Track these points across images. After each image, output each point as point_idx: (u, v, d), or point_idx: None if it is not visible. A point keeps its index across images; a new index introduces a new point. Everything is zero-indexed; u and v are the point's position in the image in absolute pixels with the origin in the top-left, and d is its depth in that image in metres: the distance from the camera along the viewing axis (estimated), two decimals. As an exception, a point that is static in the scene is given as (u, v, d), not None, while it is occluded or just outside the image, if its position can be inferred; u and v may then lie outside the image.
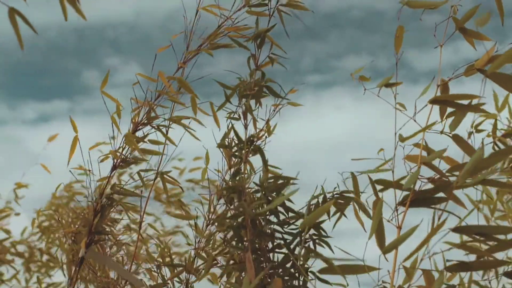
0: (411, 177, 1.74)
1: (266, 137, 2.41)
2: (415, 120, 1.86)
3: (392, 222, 1.79)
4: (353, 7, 1.86)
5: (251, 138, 2.38)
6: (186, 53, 2.46)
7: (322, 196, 2.17)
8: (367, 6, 1.86)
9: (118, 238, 2.69)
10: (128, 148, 2.49)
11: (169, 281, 2.45)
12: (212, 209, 2.46)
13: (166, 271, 2.48)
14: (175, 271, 2.45)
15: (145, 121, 2.47)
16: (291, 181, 2.25)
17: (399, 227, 1.79)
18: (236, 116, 2.40)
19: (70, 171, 3.28)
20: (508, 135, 2.18)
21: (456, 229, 1.62)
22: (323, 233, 2.20)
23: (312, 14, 2.35)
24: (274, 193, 2.22)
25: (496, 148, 2.09)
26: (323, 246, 2.21)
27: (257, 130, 2.41)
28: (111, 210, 2.54)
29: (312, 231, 2.21)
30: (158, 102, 2.46)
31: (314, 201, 2.17)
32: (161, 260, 2.51)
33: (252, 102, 2.42)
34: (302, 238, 2.18)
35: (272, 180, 2.27)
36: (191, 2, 2.43)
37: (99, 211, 2.51)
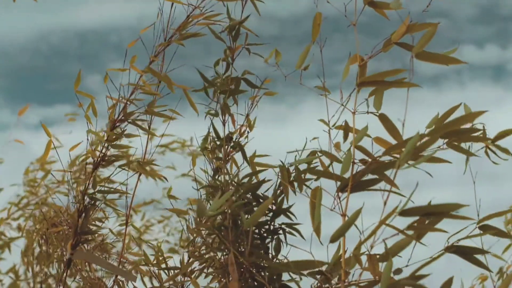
0: (345, 161, 1.69)
1: (248, 132, 2.35)
2: (343, 105, 1.82)
3: (335, 210, 1.74)
4: (357, 11, 1.81)
5: (230, 135, 2.32)
6: (156, 46, 2.43)
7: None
8: (371, 10, 1.81)
9: (104, 239, 2.66)
10: (108, 146, 2.47)
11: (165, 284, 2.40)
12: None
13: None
14: (170, 274, 2.40)
15: (122, 118, 2.44)
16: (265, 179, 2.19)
17: (344, 215, 1.73)
18: (213, 112, 2.34)
19: (51, 173, 3.25)
20: (498, 138, 2.08)
21: (403, 212, 1.53)
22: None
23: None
24: (250, 193, 2.16)
25: (489, 152, 2.02)
26: (294, 235, 2.16)
27: (237, 126, 2.35)
28: (95, 209, 2.51)
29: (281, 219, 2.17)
30: (134, 96, 2.42)
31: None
32: (156, 263, 2.46)
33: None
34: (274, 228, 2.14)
35: (247, 178, 2.21)
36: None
37: (82, 212, 2.49)
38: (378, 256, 1.67)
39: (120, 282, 2.54)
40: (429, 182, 1.61)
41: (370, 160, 1.73)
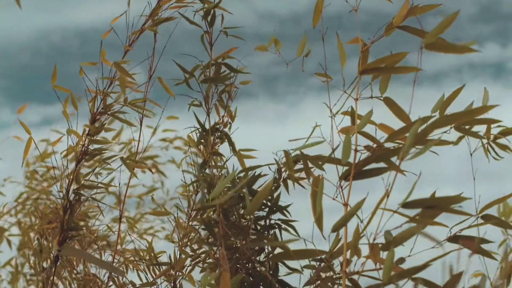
0: (344, 148, 1.63)
1: (230, 123, 2.31)
2: (346, 92, 1.75)
3: (337, 199, 1.69)
4: (358, 10, 1.76)
5: (216, 126, 2.27)
6: (129, 35, 2.37)
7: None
8: (372, 9, 1.76)
9: (96, 233, 2.64)
10: (88, 141, 2.42)
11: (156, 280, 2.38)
12: (192, 204, 2.38)
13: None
14: (161, 269, 2.37)
15: (102, 110, 2.40)
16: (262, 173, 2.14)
17: (346, 204, 1.68)
18: (197, 103, 2.28)
19: (35, 170, 3.21)
20: (503, 134, 2.06)
21: (405, 204, 1.50)
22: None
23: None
24: (245, 188, 2.11)
25: (490, 149, 2.00)
26: (289, 231, 2.13)
27: (220, 117, 2.31)
28: (81, 204, 2.47)
29: (278, 216, 2.13)
30: (111, 89, 2.38)
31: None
32: (148, 258, 2.43)
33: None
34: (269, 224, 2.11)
35: (243, 173, 2.16)
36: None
37: (68, 208, 2.44)
38: (380, 245, 1.63)
39: (115, 278, 2.51)
40: (428, 180, 1.57)
41: (374, 146, 1.68)
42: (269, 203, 2.10)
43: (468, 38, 1.52)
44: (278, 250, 2.08)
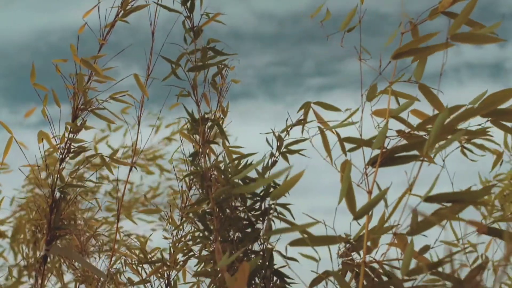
0: (380, 134, 1.58)
1: (222, 118, 2.28)
2: (380, 73, 1.69)
3: (361, 186, 1.63)
4: (358, 10, 1.71)
5: (205, 116, 2.22)
6: (102, 28, 2.35)
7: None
8: (370, 9, 1.70)
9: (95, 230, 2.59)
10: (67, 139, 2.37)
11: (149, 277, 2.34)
12: (185, 199, 2.36)
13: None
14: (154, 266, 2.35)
15: (82, 107, 2.34)
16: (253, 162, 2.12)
17: (370, 192, 1.63)
18: (185, 93, 2.24)
19: (19, 169, 3.18)
20: (472, 136, 2.04)
21: (427, 199, 1.48)
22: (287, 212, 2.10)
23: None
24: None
25: (465, 151, 2.04)
26: (284, 216, 2.10)
27: (210, 107, 2.27)
28: (67, 203, 2.42)
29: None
30: (89, 84, 2.35)
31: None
32: (142, 256, 2.42)
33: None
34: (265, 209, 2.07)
35: (235, 163, 2.14)
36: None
37: (54, 207, 2.39)
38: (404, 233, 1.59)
39: (114, 276, 2.50)
40: (427, 180, 1.54)
41: (407, 131, 1.64)
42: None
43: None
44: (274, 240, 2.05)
